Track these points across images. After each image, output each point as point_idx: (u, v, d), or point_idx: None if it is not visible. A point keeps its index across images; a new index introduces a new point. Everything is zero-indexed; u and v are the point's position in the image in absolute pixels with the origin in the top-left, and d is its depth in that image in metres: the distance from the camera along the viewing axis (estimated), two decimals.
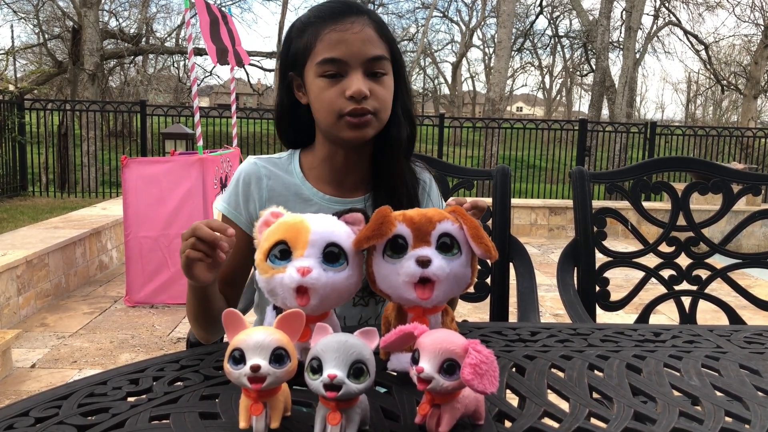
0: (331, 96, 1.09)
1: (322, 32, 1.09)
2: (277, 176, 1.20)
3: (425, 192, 1.26)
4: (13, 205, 7.93)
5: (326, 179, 1.20)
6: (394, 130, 1.16)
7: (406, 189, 1.18)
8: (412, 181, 1.21)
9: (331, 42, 1.08)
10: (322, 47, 1.09)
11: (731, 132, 10.56)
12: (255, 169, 1.19)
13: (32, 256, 3.86)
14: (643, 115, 38.29)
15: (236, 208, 1.18)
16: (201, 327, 1.10)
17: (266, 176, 1.19)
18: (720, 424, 0.75)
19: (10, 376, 2.99)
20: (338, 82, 1.08)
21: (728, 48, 26.57)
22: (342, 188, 1.20)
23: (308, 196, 1.18)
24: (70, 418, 0.72)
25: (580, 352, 0.98)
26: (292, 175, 1.20)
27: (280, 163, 1.22)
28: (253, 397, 0.67)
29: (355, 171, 1.20)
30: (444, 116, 9.60)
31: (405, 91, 1.19)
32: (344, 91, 1.08)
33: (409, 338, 0.70)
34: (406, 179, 1.19)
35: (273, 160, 1.22)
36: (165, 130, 7.30)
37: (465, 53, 28.07)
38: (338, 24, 1.08)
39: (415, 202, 1.19)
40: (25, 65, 18.85)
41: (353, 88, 1.07)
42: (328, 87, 1.09)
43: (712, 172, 1.69)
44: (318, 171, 1.20)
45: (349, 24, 1.08)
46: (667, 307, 1.72)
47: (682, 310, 1.70)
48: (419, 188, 1.23)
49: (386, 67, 1.12)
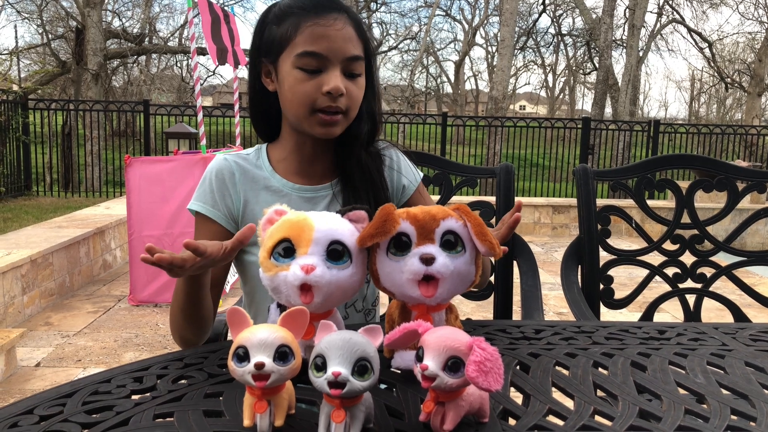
0: (307, 89, 1.09)
1: (304, 24, 1.09)
2: (247, 171, 1.21)
3: (393, 169, 1.28)
4: (18, 204, 7.95)
5: (295, 170, 1.22)
6: (354, 125, 1.18)
7: (369, 173, 1.20)
8: (376, 163, 1.23)
9: (314, 35, 1.08)
10: (302, 39, 1.09)
11: (735, 130, 10.53)
12: (226, 164, 1.21)
13: (37, 256, 3.87)
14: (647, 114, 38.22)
15: (213, 205, 1.18)
16: (190, 325, 1.06)
17: (237, 171, 1.20)
18: (726, 421, 0.75)
19: (15, 375, 3.00)
20: (316, 77, 1.09)
21: (732, 45, 26.52)
22: (310, 177, 1.22)
23: (278, 188, 1.20)
24: (75, 416, 0.72)
25: (585, 350, 0.98)
26: (261, 169, 1.22)
27: (248, 159, 1.23)
28: (257, 395, 0.67)
29: (322, 159, 1.22)
30: (447, 115, 9.59)
31: (372, 91, 1.21)
32: (321, 86, 1.09)
33: (413, 336, 0.69)
34: (367, 165, 1.21)
35: (242, 156, 1.24)
36: (168, 130, 7.31)
37: (468, 52, 28.04)
38: (321, 18, 1.09)
39: (382, 182, 1.22)
40: (28, 65, 18.90)
41: (331, 85, 1.08)
42: (305, 80, 1.09)
43: (717, 169, 1.69)
44: (286, 163, 1.22)
45: (332, 20, 1.09)
46: (671, 305, 1.71)
47: (687, 308, 1.70)
48: (385, 167, 1.25)
49: (361, 67, 1.14)
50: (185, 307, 1.04)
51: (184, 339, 1.10)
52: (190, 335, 1.09)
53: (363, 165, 1.20)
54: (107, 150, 11.02)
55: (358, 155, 1.20)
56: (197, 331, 1.08)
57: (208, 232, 1.18)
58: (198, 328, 1.08)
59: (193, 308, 1.04)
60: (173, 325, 1.09)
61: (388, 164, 1.27)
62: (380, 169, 1.24)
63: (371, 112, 1.21)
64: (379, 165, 1.24)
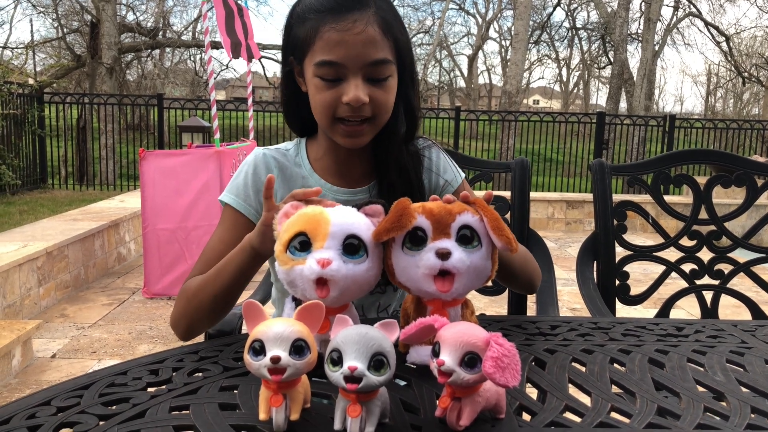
0: (327, 99, 1.05)
1: (322, 29, 1.03)
2: (286, 168, 1.18)
3: (430, 170, 1.23)
4: (34, 197, 8.02)
5: (332, 170, 1.19)
6: (391, 124, 1.12)
7: (408, 176, 1.16)
8: (414, 165, 1.18)
9: (330, 42, 1.02)
10: (320, 46, 1.03)
11: (752, 125, 10.40)
12: (265, 160, 1.18)
13: (52, 248, 3.90)
14: (662, 108, 37.82)
15: (245, 199, 1.15)
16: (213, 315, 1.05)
17: (275, 167, 1.18)
18: (746, 420, 0.74)
19: (31, 366, 3.04)
20: (336, 86, 1.04)
21: (750, 39, 26.15)
22: (347, 179, 1.19)
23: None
24: (92, 407, 0.73)
25: (602, 346, 0.97)
26: (301, 167, 1.19)
27: (288, 155, 1.20)
28: (273, 389, 0.66)
29: (358, 161, 1.18)
30: (460, 109, 9.56)
31: (410, 86, 1.14)
32: (341, 96, 1.03)
33: (429, 331, 0.69)
34: (407, 166, 1.16)
35: (281, 151, 1.20)
36: (182, 123, 7.35)
37: (481, 46, 27.89)
38: (339, 22, 1.01)
39: (420, 187, 1.17)
40: (44, 59, 19.03)
41: (351, 95, 1.02)
42: (324, 89, 1.05)
43: (735, 164, 1.67)
44: (324, 162, 1.19)
45: (350, 23, 1.01)
46: (687, 301, 1.70)
47: (704, 304, 1.68)
48: (423, 168, 1.20)
49: (388, 70, 1.06)
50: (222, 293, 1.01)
51: (192, 329, 1.07)
52: (205, 326, 1.08)
53: (402, 166, 1.15)
54: (121, 143, 11.08)
55: (398, 155, 1.15)
56: (214, 321, 1.07)
57: (234, 226, 1.14)
58: (216, 320, 1.07)
59: (230, 297, 1.02)
60: (189, 312, 1.05)
61: (426, 165, 1.22)
62: (419, 171, 1.19)
63: (409, 108, 1.15)
64: (418, 166, 1.19)
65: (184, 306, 1.06)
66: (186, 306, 1.05)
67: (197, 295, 1.03)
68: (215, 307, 1.04)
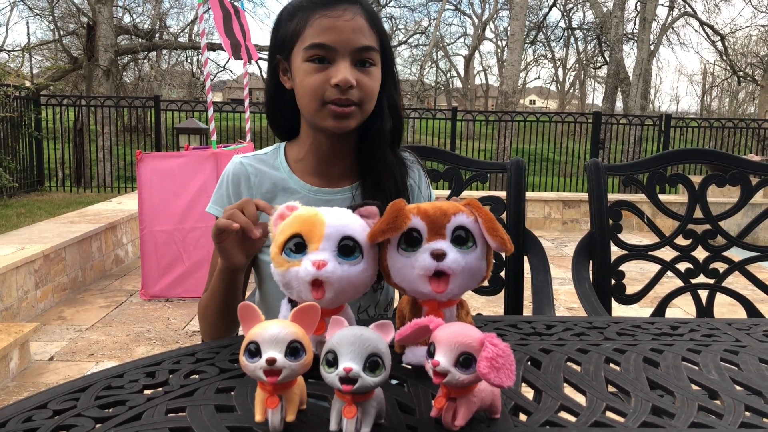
0: (316, 81, 1.07)
1: (313, 17, 1.08)
2: (263, 173, 1.19)
3: (416, 184, 1.25)
4: (31, 200, 8.01)
5: (312, 171, 1.20)
6: (377, 122, 1.15)
7: (394, 178, 1.17)
8: (400, 170, 1.20)
9: (321, 27, 1.07)
10: (311, 32, 1.08)
11: (748, 124, 10.42)
12: (241, 168, 1.20)
13: (49, 251, 3.90)
14: (658, 108, 37.91)
15: None
16: (222, 321, 1.09)
17: (252, 174, 1.19)
18: (740, 418, 0.74)
19: (29, 369, 3.03)
20: (325, 69, 1.07)
21: (745, 39, 26.25)
22: (328, 178, 1.20)
23: (295, 189, 1.18)
24: (88, 410, 0.73)
25: (597, 345, 0.98)
26: (279, 170, 1.20)
27: (265, 159, 1.22)
28: (268, 390, 0.67)
29: (340, 160, 1.20)
30: (456, 110, 9.56)
31: (393, 85, 1.18)
32: (330, 79, 1.07)
33: (424, 331, 0.69)
34: (392, 169, 1.18)
35: (258, 157, 1.22)
36: (179, 125, 7.32)
37: (477, 46, 27.91)
38: (329, 10, 1.07)
39: (404, 192, 1.19)
40: (40, 61, 19.01)
41: (339, 77, 1.06)
42: (313, 72, 1.08)
43: (730, 163, 1.67)
44: (304, 163, 1.20)
45: (340, 11, 1.07)
46: (683, 300, 1.70)
47: (699, 303, 1.69)
48: (408, 177, 1.22)
49: (375, 57, 1.11)
50: (222, 308, 1.07)
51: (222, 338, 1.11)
52: (231, 332, 1.13)
53: (389, 166, 1.17)
54: (118, 145, 11.07)
55: (384, 155, 1.17)
56: (236, 327, 1.11)
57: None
58: (236, 325, 1.10)
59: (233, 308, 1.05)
60: (209, 329, 1.12)
61: (411, 177, 1.24)
62: (404, 175, 1.21)
63: (394, 107, 1.18)
64: (404, 171, 1.21)
65: (203, 324, 1.14)
66: (204, 323, 1.13)
67: (207, 314, 1.11)
68: (225, 321, 1.10)
